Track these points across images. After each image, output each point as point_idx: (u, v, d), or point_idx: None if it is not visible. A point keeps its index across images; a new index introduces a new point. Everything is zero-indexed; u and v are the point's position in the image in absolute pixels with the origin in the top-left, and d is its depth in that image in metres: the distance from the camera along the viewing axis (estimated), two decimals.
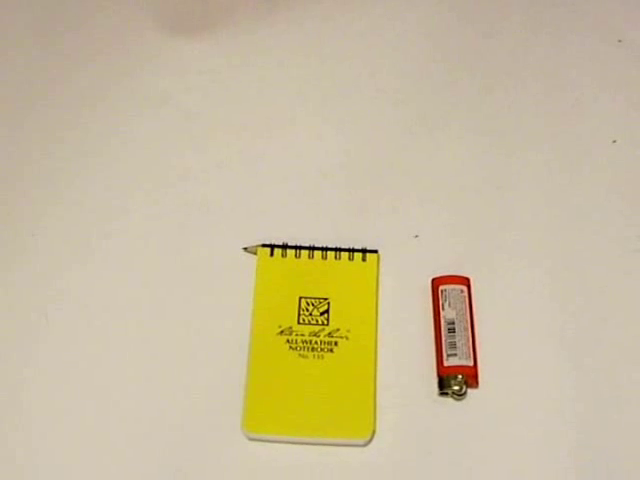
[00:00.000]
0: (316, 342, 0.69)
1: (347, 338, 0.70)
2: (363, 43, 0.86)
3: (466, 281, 0.73)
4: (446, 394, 0.69)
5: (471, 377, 0.69)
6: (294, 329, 0.70)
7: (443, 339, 0.70)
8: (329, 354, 0.69)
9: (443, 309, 0.71)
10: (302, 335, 0.70)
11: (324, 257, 0.73)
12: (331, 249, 0.73)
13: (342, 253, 0.73)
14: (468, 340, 0.70)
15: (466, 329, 0.70)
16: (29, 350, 0.70)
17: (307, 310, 0.71)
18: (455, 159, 0.80)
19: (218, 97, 0.83)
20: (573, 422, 0.68)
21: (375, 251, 0.74)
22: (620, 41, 0.87)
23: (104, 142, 0.80)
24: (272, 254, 0.73)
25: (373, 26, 0.87)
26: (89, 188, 0.77)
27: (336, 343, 0.69)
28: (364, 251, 0.73)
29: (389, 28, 0.87)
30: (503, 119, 0.82)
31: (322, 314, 0.71)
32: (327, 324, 0.70)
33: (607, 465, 0.66)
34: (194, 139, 0.81)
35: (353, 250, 0.73)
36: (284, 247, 0.73)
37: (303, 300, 0.71)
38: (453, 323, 0.71)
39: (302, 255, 0.73)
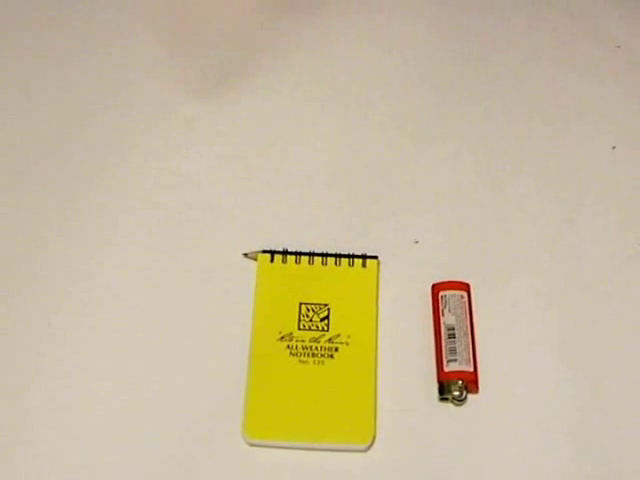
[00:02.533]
0: (316, 348, 0.70)
1: (347, 344, 0.70)
2: (364, 51, 0.87)
3: (466, 287, 0.73)
4: (446, 399, 0.69)
5: (471, 382, 0.69)
6: (294, 335, 0.70)
7: (443, 344, 0.70)
8: (329, 360, 0.69)
9: (443, 315, 0.71)
10: (302, 341, 0.70)
11: (324, 263, 0.73)
12: (331, 255, 0.73)
13: (342, 259, 0.73)
14: (468, 345, 0.70)
15: (466, 334, 0.70)
16: (32, 356, 0.70)
17: (307, 316, 0.71)
18: (455, 165, 0.80)
19: (219, 104, 0.83)
20: (573, 427, 0.68)
21: (375, 257, 0.74)
22: (619, 47, 0.87)
23: (106, 147, 0.80)
24: (272, 260, 0.73)
25: (372, 36, 0.88)
26: (91, 193, 0.77)
27: (336, 349, 0.70)
28: (364, 257, 0.74)
29: (390, 38, 0.87)
30: (502, 125, 0.82)
31: (322, 320, 0.71)
32: (327, 330, 0.70)
33: (607, 470, 0.66)
34: (195, 145, 0.81)
35: (353, 256, 0.73)
36: (284, 253, 0.74)
37: (303, 306, 0.71)
38: (453, 329, 0.71)
39: (302, 261, 0.73)
